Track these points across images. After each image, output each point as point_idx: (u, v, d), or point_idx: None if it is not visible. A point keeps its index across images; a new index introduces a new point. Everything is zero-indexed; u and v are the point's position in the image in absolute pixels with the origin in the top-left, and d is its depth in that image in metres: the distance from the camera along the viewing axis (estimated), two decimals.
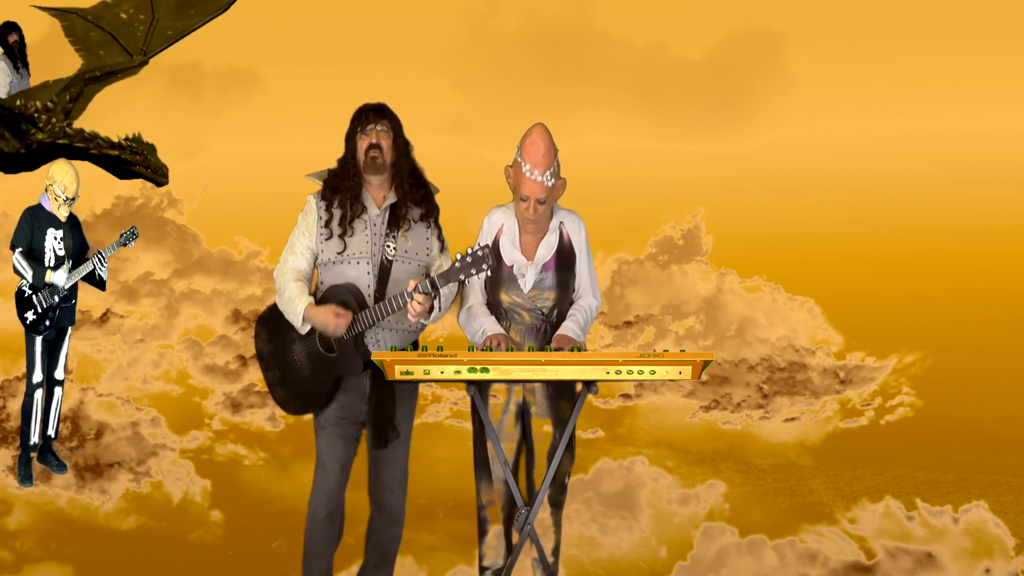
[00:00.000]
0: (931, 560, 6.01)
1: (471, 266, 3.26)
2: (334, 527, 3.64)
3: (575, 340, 3.52)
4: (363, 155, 3.49)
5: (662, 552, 6.37)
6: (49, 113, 6.69)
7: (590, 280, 3.76)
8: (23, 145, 6.75)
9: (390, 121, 3.52)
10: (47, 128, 6.68)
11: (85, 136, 6.75)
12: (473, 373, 3.25)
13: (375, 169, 3.50)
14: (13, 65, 7.20)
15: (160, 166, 6.86)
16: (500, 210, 3.71)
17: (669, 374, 3.26)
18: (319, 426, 3.60)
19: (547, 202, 3.59)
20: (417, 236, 3.60)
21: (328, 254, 3.53)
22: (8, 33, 7.24)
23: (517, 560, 3.54)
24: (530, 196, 3.55)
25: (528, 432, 3.69)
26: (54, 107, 6.75)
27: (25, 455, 5.83)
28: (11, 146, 6.78)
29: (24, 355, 5.76)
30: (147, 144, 6.85)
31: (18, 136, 6.72)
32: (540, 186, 3.53)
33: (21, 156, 6.86)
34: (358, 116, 3.52)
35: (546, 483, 3.46)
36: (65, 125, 6.75)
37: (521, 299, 3.64)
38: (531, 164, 3.52)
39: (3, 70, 7.14)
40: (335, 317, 3.39)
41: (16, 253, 5.53)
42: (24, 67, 7.29)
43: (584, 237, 3.73)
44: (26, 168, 7.08)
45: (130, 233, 5.78)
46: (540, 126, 3.59)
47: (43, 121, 6.64)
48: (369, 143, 3.48)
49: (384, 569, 3.75)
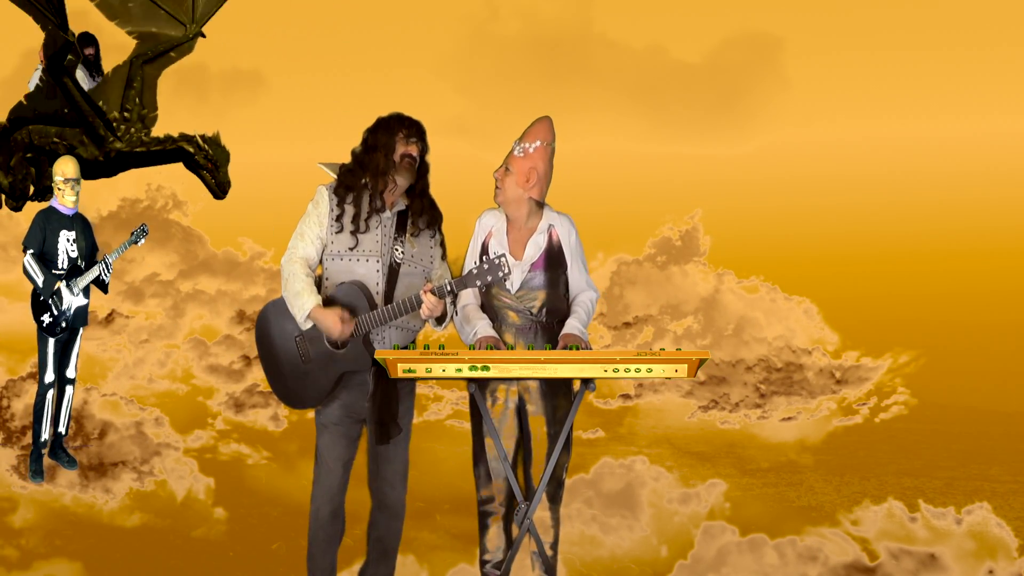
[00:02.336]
0: (934, 561, 6.04)
1: (487, 272, 3.31)
2: (337, 524, 3.68)
3: (580, 339, 3.59)
4: (399, 157, 3.56)
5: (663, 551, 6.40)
6: (127, 123, 6.77)
7: (584, 278, 3.82)
8: (101, 153, 6.84)
9: (426, 144, 3.63)
10: (125, 138, 6.77)
11: (160, 140, 6.85)
12: (474, 371, 3.30)
13: (409, 174, 3.57)
14: (90, 74, 7.30)
15: (224, 181, 6.94)
16: (491, 213, 3.80)
17: (666, 372, 3.32)
18: (321, 425, 3.64)
19: (514, 178, 3.67)
20: (422, 244, 3.67)
21: (338, 247, 3.58)
22: (85, 45, 7.35)
23: (516, 554, 3.60)
24: (502, 165, 3.69)
25: (525, 429, 3.75)
26: (131, 116, 6.82)
27: (36, 451, 5.89)
28: (90, 152, 6.88)
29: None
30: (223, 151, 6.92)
31: (97, 143, 6.82)
32: (511, 152, 3.68)
33: (99, 163, 6.97)
34: (404, 122, 3.58)
35: (544, 479, 3.51)
36: (143, 135, 6.84)
37: (509, 299, 3.70)
38: (519, 139, 3.68)
39: (81, 80, 7.25)
40: (340, 323, 3.43)
41: (28, 255, 5.57)
42: (100, 77, 7.38)
43: (575, 239, 3.79)
44: (104, 175, 7.22)
45: (140, 231, 5.83)
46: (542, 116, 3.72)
47: (121, 131, 6.73)
48: (409, 152, 3.56)
49: (386, 564, 3.79)
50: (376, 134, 3.58)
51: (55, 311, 5.61)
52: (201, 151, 6.89)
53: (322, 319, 3.46)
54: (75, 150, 6.95)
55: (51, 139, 6.95)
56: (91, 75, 7.34)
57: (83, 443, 7.19)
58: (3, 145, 6.96)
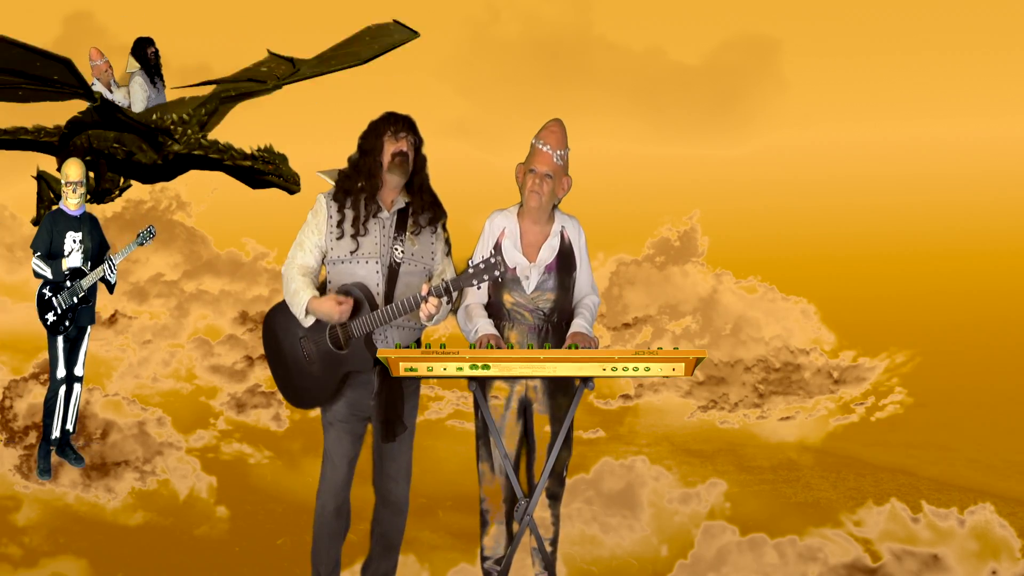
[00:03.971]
0: (937, 562, 6.04)
1: (483, 272, 3.35)
2: (341, 520, 3.73)
3: (589, 337, 3.64)
4: (390, 157, 3.60)
5: (663, 550, 6.41)
6: (185, 125, 6.79)
7: (589, 281, 3.88)
8: (160, 156, 6.88)
9: (417, 136, 3.65)
10: (183, 140, 6.78)
11: (219, 147, 6.87)
12: (475, 370, 3.35)
13: (401, 171, 3.61)
14: (150, 79, 7.23)
15: (292, 174, 6.95)
16: (502, 213, 3.82)
17: (663, 370, 3.36)
18: (327, 423, 3.69)
19: (553, 186, 3.71)
20: (423, 241, 3.70)
21: (338, 252, 3.62)
22: (145, 48, 7.27)
23: (516, 550, 3.64)
24: (538, 168, 3.68)
25: (529, 428, 3.79)
26: (189, 119, 6.85)
27: (45, 448, 5.94)
28: (148, 157, 6.90)
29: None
30: (279, 154, 6.95)
31: (155, 148, 6.84)
32: (549, 158, 3.68)
33: (158, 167, 6.98)
34: (390, 120, 3.62)
35: (545, 474, 3.56)
36: (200, 137, 6.86)
37: (524, 300, 3.74)
38: (544, 141, 3.70)
39: (140, 84, 7.18)
40: (337, 305, 3.47)
41: (35, 256, 5.67)
42: (160, 81, 7.34)
43: (583, 242, 3.85)
44: (162, 179, 7.21)
45: (147, 232, 5.88)
46: (559, 120, 3.75)
47: (179, 133, 6.75)
48: (399, 148, 3.60)
49: (389, 558, 3.84)
50: (367, 138, 3.64)
51: (59, 309, 5.66)
52: (257, 159, 6.93)
53: (319, 307, 3.51)
54: (134, 156, 6.98)
55: (110, 143, 6.96)
56: (152, 81, 7.25)
57: (85, 442, 7.22)
58: (62, 149, 6.99)
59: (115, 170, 7.15)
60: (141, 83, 7.20)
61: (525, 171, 3.74)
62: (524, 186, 3.73)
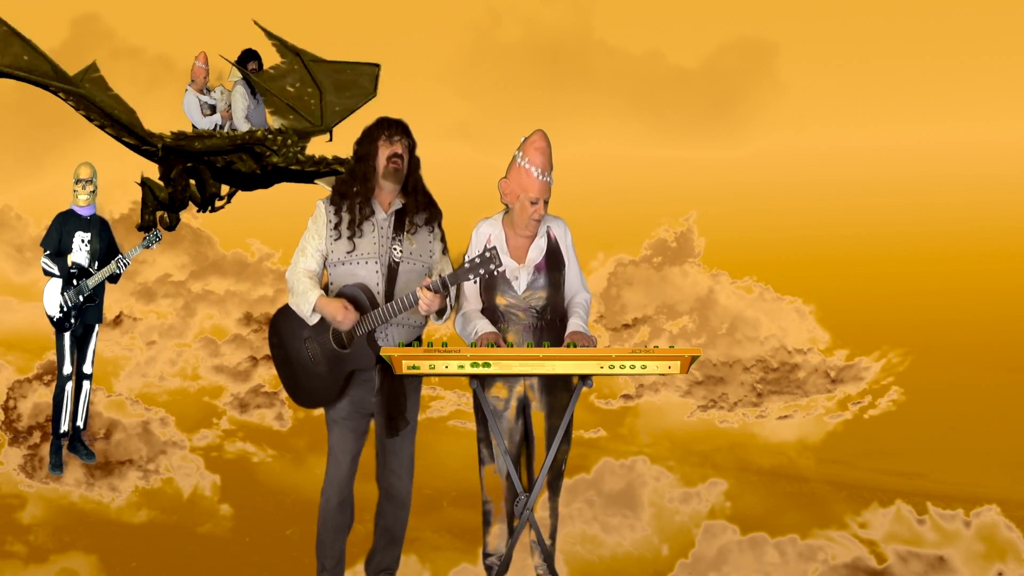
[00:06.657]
0: (943, 564, 6.03)
1: (480, 266, 3.43)
2: (345, 514, 3.81)
3: (588, 336, 3.70)
4: (385, 161, 3.68)
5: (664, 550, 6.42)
6: (283, 135, 6.90)
7: (579, 278, 3.95)
8: (259, 167, 6.99)
9: (411, 139, 3.75)
10: (283, 151, 6.89)
11: (315, 161, 6.98)
12: (475, 367, 3.41)
13: (396, 177, 3.70)
14: (251, 91, 7.32)
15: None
16: (487, 222, 3.90)
17: (659, 368, 3.42)
18: (331, 420, 3.77)
19: (546, 204, 3.78)
20: (421, 240, 3.78)
21: (338, 254, 3.71)
22: (248, 60, 7.35)
23: (516, 543, 3.70)
24: (539, 198, 3.74)
25: (529, 426, 3.85)
26: (287, 129, 6.95)
27: (56, 443, 6.02)
28: (248, 166, 7.03)
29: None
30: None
31: (255, 158, 6.97)
32: (547, 186, 3.75)
33: (256, 176, 7.10)
34: (384, 125, 3.72)
35: (545, 467, 3.62)
36: (298, 151, 6.96)
37: (516, 300, 3.81)
38: (540, 167, 3.73)
39: (242, 94, 7.26)
40: (344, 310, 3.57)
41: (44, 255, 5.78)
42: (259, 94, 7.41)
43: (570, 240, 3.92)
44: (260, 186, 7.36)
45: (154, 236, 5.96)
46: (542, 131, 3.78)
47: (278, 143, 6.86)
48: (393, 152, 3.69)
49: (392, 551, 3.92)
50: (362, 143, 3.74)
51: (65, 306, 5.75)
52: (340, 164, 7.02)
53: (326, 307, 3.60)
54: (233, 165, 7.08)
55: None
56: (252, 92, 7.31)
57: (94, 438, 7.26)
58: (165, 159, 7.07)
59: (217, 178, 7.28)
60: (243, 93, 7.27)
61: (517, 195, 3.76)
62: (519, 211, 3.77)
